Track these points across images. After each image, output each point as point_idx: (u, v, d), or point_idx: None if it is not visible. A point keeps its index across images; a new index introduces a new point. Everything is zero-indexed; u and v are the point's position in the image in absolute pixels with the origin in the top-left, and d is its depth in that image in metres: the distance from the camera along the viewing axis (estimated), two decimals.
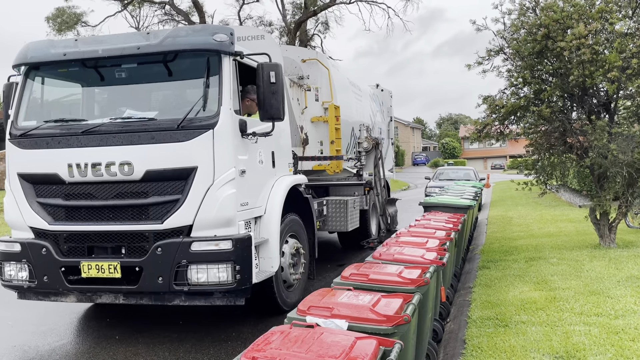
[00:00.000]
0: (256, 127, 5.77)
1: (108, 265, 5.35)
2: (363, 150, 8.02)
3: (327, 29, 30.54)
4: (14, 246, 5.67)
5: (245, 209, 5.61)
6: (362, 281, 3.80)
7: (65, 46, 5.66)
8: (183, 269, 5.18)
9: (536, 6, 8.45)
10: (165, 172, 5.26)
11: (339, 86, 9.48)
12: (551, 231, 11.50)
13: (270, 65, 5.55)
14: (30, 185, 5.64)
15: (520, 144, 10.53)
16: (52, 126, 5.68)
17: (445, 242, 5.46)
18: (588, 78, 7.78)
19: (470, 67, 8.88)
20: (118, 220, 5.41)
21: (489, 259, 8.65)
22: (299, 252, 6.70)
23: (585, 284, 6.40)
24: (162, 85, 5.88)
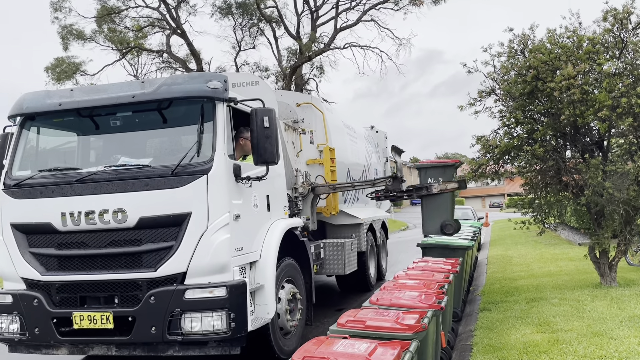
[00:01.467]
0: (251, 171, 5.77)
1: (100, 316, 5.25)
2: (299, 195, 8.04)
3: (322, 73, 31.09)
4: (6, 298, 5.57)
5: (240, 254, 5.54)
6: (358, 328, 3.72)
7: (61, 96, 5.73)
8: (177, 318, 5.08)
9: (524, 48, 8.63)
10: (159, 219, 5.23)
11: (333, 129, 9.56)
12: (552, 270, 11.38)
13: (264, 110, 5.61)
14: (23, 236, 5.60)
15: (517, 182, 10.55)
16: (47, 175, 5.68)
17: (444, 285, 5.38)
18: (579, 117, 7.87)
19: (463, 109, 8.99)
20: (111, 269, 5.34)
21: (490, 301, 8.52)
22: (295, 298, 6.59)
23: (588, 325, 6.28)
24: (156, 132, 5.93)
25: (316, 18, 28.74)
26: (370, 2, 28.09)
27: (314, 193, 8.42)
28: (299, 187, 8.09)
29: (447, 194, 8.29)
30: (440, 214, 8.29)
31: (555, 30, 8.54)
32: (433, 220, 8.33)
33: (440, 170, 8.51)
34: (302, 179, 8.23)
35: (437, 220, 8.26)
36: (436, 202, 8.29)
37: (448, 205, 8.38)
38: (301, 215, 7.98)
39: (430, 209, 8.39)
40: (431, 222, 8.37)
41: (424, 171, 8.64)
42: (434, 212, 8.34)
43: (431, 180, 8.35)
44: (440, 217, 8.26)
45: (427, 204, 8.39)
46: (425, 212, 8.47)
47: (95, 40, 26.87)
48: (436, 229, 8.30)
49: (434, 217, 8.32)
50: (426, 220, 8.47)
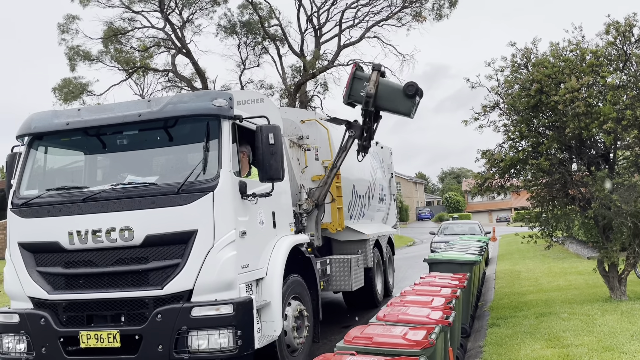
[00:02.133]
0: (256, 188, 5.79)
1: (107, 335, 5.23)
2: (303, 212, 8.03)
3: (326, 90, 31.29)
4: (13, 317, 5.57)
5: (246, 271, 5.54)
6: (365, 344, 3.69)
7: (69, 116, 5.80)
8: (183, 335, 5.06)
9: (528, 62, 8.67)
10: (166, 236, 5.24)
11: (338, 145, 9.57)
12: (561, 285, 11.28)
13: (269, 127, 5.64)
14: (30, 255, 5.62)
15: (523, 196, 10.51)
16: (54, 194, 5.72)
17: (451, 300, 5.34)
18: (584, 130, 7.87)
19: (467, 123, 9.01)
20: (118, 287, 5.33)
21: (498, 316, 8.44)
22: (302, 315, 6.55)
23: (599, 340, 6.20)
24: (163, 150, 5.97)
25: (320, 36, 29.02)
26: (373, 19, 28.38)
27: (318, 209, 8.42)
28: (303, 204, 8.09)
29: (380, 82, 8.34)
30: (396, 93, 8.39)
31: (558, 43, 8.59)
32: (398, 103, 8.40)
33: (357, 82, 8.54)
34: (307, 195, 8.24)
35: (400, 98, 8.35)
36: (384, 94, 8.36)
37: (391, 85, 8.58)
38: (306, 231, 7.97)
39: (388, 102, 8.44)
40: (400, 105, 8.43)
41: (352, 97, 8.63)
42: (392, 99, 8.41)
43: (362, 92, 8.43)
44: (398, 95, 8.36)
45: (382, 102, 8.43)
46: (389, 106, 8.52)
47: (102, 61, 27.24)
48: (409, 104, 8.36)
49: (396, 100, 8.40)
50: (398, 109, 8.52)
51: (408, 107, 8.44)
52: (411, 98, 8.32)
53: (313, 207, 8.26)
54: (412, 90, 8.26)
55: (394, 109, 8.54)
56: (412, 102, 8.36)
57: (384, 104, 8.46)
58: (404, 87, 8.36)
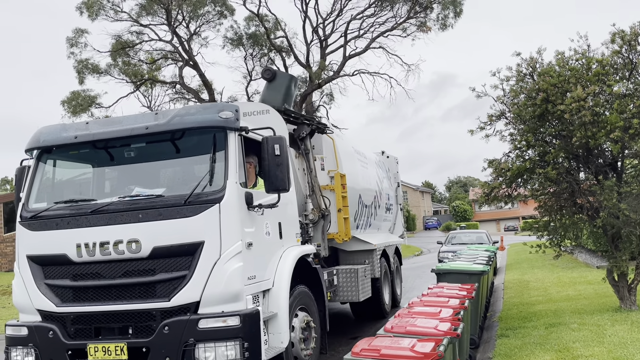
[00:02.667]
0: (262, 199, 5.81)
1: (115, 347, 5.24)
2: (309, 222, 8.03)
3: (332, 100, 31.43)
4: (21, 330, 5.60)
5: (253, 283, 5.54)
6: (373, 357, 3.68)
7: (77, 129, 5.85)
8: (190, 348, 5.06)
9: (533, 72, 8.67)
10: (172, 248, 5.26)
11: (344, 155, 9.60)
12: (570, 294, 11.18)
13: (275, 138, 5.67)
14: (38, 267, 5.65)
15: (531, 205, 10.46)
16: (62, 207, 5.76)
17: (460, 311, 5.31)
18: (591, 139, 7.84)
19: (473, 133, 9.00)
20: (125, 299, 5.35)
21: (507, 327, 8.37)
22: (309, 326, 6.53)
23: (609, 351, 6.13)
24: (170, 162, 6.01)
25: (325, 46, 29.18)
26: (378, 30, 28.54)
27: (324, 219, 8.42)
28: (309, 214, 8.10)
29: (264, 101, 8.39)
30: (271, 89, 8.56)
31: (563, 52, 8.58)
32: (276, 92, 8.52)
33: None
34: (312, 205, 8.24)
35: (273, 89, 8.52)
36: (273, 94, 8.47)
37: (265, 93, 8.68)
38: (312, 241, 7.97)
39: (278, 96, 8.50)
40: (277, 93, 8.51)
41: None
42: (273, 94, 8.51)
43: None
44: (275, 87, 8.54)
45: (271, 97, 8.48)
46: (274, 96, 8.56)
47: (110, 74, 27.51)
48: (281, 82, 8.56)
49: (274, 92, 8.52)
50: (281, 96, 8.55)
51: (284, 78, 8.77)
52: (276, 77, 8.62)
53: (319, 217, 8.27)
54: (269, 74, 8.64)
55: (285, 91, 8.67)
56: (280, 76, 8.72)
57: (279, 98, 8.54)
58: (265, 79, 8.71)
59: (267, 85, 8.72)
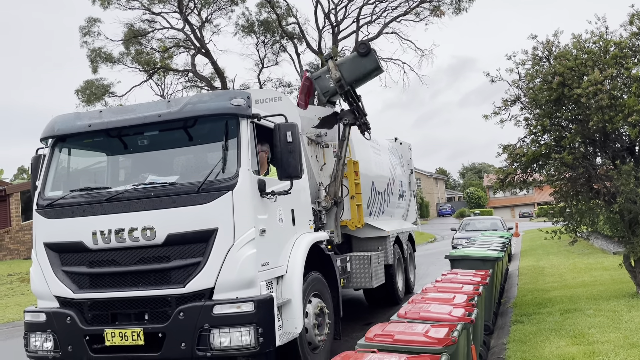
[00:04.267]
0: (275, 186, 5.81)
1: (131, 332, 5.31)
2: (322, 209, 8.02)
3: None
4: (40, 316, 5.69)
5: (267, 269, 5.56)
6: (387, 342, 3.68)
7: (90, 118, 5.89)
8: (205, 333, 5.11)
9: (549, 55, 8.52)
10: (187, 235, 5.29)
11: (356, 142, 9.55)
12: (586, 281, 11.09)
13: (287, 125, 5.65)
14: (55, 254, 5.73)
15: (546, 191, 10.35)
16: (78, 195, 5.82)
17: (474, 297, 5.29)
18: (608, 123, 7.71)
19: (487, 118, 8.90)
20: (141, 285, 5.41)
21: (522, 313, 8.33)
22: (323, 312, 6.56)
23: (625, 337, 6.08)
24: (183, 150, 6.03)
25: (337, 32, 28.98)
26: (391, 15, 28.25)
27: (337, 206, 8.41)
28: (322, 201, 8.09)
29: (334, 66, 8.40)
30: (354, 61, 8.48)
31: (580, 35, 8.42)
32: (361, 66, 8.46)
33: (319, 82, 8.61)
34: (325, 192, 8.24)
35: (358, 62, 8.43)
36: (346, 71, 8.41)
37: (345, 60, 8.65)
38: (325, 228, 7.98)
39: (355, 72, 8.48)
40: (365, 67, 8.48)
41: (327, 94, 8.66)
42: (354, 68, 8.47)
43: (329, 83, 8.47)
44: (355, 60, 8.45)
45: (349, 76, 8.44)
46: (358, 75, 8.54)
47: (123, 62, 27.63)
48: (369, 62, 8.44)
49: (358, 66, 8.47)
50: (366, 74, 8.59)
51: (373, 63, 8.57)
52: (368, 55, 8.44)
53: (332, 204, 8.26)
54: (364, 49, 8.44)
55: (365, 73, 8.62)
56: (372, 58, 8.49)
57: (353, 76, 8.54)
58: (357, 51, 8.52)
59: (353, 56, 8.67)
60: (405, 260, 11.63)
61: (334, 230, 8.38)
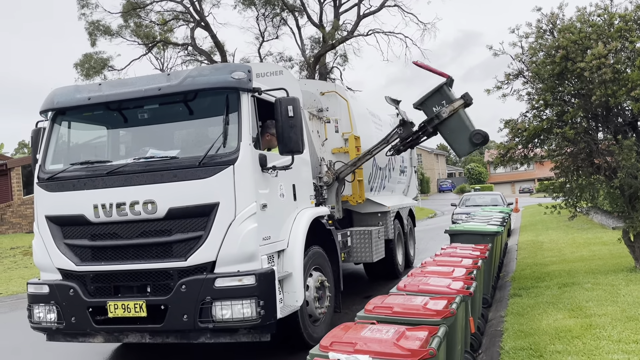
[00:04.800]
0: (276, 160, 5.80)
1: (134, 305, 5.38)
2: (324, 184, 8.04)
3: (346, 61, 30.96)
4: (43, 288, 5.75)
5: (268, 243, 5.60)
6: (386, 314, 3.72)
7: (90, 91, 5.85)
8: (207, 305, 5.17)
9: (553, 28, 8.41)
10: (188, 209, 5.31)
11: (358, 117, 9.52)
12: (584, 255, 11.16)
13: (288, 99, 5.62)
14: (57, 227, 5.76)
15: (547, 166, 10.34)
16: (78, 168, 5.82)
17: (472, 271, 5.33)
18: (611, 97, 7.66)
19: (490, 92, 8.84)
20: (143, 258, 5.45)
21: (520, 286, 8.41)
22: (323, 285, 6.63)
23: (623, 310, 6.15)
24: (183, 124, 6.01)
25: (339, 5, 28.57)
26: None
27: (338, 181, 8.42)
28: (324, 176, 8.10)
29: (458, 112, 8.06)
30: (463, 132, 8.11)
31: (585, 8, 8.30)
32: (459, 141, 8.16)
33: (437, 95, 8.20)
34: (327, 167, 8.24)
35: (463, 138, 8.10)
36: (453, 124, 8.10)
37: (465, 121, 8.18)
38: (327, 204, 8.00)
39: (451, 133, 8.19)
40: (459, 144, 8.19)
41: (424, 105, 8.32)
42: (456, 134, 8.16)
43: (436, 108, 8.14)
44: (464, 134, 8.08)
45: (446, 130, 8.19)
46: (449, 138, 8.29)
47: (122, 36, 27.31)
48: (467, 147, 8.14)
49: (459, 137, 8.16)
50: (453, 145, 8.31)
51: (464, 150, 8.28)
52: (473, 145, 8.08)
53: (333, 179, 8.27)
54: (479, 139, 7.97)
55: (451, 143, 8.30)
56: (471, 147, 8.12)
57: (446, 132, 8.21)
58: (473, 133, 8.00)
59: (468, 125, 8.07)
60: (406, 235, 11.69)
61: (335, 205, 8.41)
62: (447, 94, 8.15)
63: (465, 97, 8.02)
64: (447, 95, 8.14)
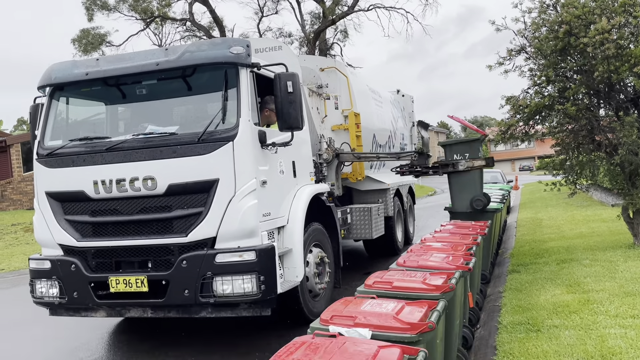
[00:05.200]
0: (276, 137, 5.78)
1: (135, 280, 5.41)
2: (324, 161, 8.04)
3: (347, 37, 30.62)
4: (44, 264, 5.78)
5: (268, 220, 5.61)
6: (385, 289, 3.74)
7: (87, 66, 5.79)
8: (208, 281, 5.20)
9: (557, 3, 8.30)
10: (188, 186, 5.31)
11: (358, 93, 9.45)
12: (583, 232, 11.21)
13: (287, 75, 5.57)
14: (58, 204, 5.76)
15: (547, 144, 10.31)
16: (77, 145, 5.80)
17: (472, 247, 5.36)
18: (614, 74, 7.59)
19: (492, 68, 8.76)
20: (143, 234, 5.47)
21: (519, 263, 8.47)
22: (323, 261, 6.67)
23: (620, 285, 6.20)
24: (182, 99, 5.96)
25: None
26: None
27: (338, 159, 8.41)
28: (323, 153, 8.08)
29: (474, 171, 8.11)
30: (469, 190, 8.12)
31: None
32: (462, 197, 8.20)
33: (466, 145, 8.27)
34: (326, 145, 8.22)
35: (466, 196, 8.13)
36: (464, 179, 8.14)
37: (477, 182, 8.19)
38: (326, 181, 8.00)
39: (458, 186, 8.24)
40: (459, 200, 8.25)
41: (448, 147, 8.43)
42: (462, 189, 8.19)
43: (457, 156, 8.16)
44: (469, 193, 8.11)
45: (455, 180, 8.25)
46: (453, 188, 8.32)
47: (119, 10, 26.93)
48: (466, 206, 8.18)
49: (463, 193, 8.19)
50: (454, 198, 8.35)
51: (460, 208, 8.26)
52: (471, 207, 8.11)
53: (333, 156, 8.25)
54: (479, 205, 8.05)
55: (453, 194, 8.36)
56: (468, 208, 8.14)
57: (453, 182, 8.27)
58: (475, 197, 8.08)
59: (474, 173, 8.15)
60: (405, 212, 11.72)
61: (335, 183, 8.41)
62: (475, 148, 8.20)
63: (487, 161, 8.10)
64: (475, 150, 8.18)
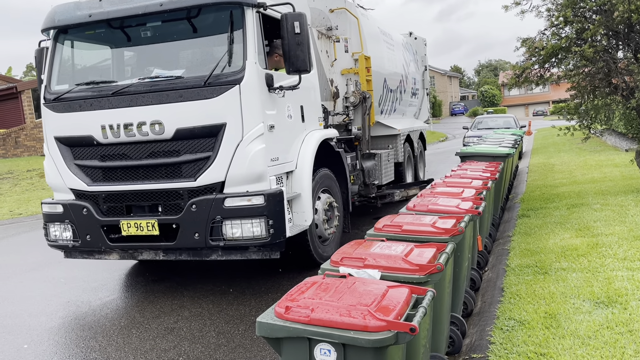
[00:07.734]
0: (283, 80, 5.67)
1: (146, 223, 5.49)
2: (350, 104, 7.98)
3: None
4: (57, 207, 5.87)
5: (276, 164, 5.60)
6: (395, 232, 3.76)
7: (90, 7, 5.65)
8: (218, 224, 5.26)
9: None
10: (195, 130, 5.27)
11: (369, 36, 9.19)
12: (595, 177, 11.11)
13: (294, 15, 5.39)
14: (67, 148, 5.78)
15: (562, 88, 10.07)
16: (84, 89, 5.75)
17: (482, 192, 5.33)
18: (634, 13, 7.28)
19: (508, 9, 8.45)
20: (153, 179, 5.49)
21: (529, 207, 8.46)
22: (332, 207, 6.69)
23: (630, 229, 6.18)
24: (187, 42, 5.83)
25: None
26: None
27: (365, 103, 8.29)
28: (350, 96, 7.98)
29: None
30: None
31: None
32: None
33: None
34: (353, 87, 8.08)
35: None
36: None
37: None
38: (353, 124, 7.95)
39: None
40: None
41: None
42: None
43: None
44: None
45: None
46: None
47: None
48: None
49: None
50: None
51: None
52: None
53: (360, 100, 8.14)
54: None
55: None
56: None
57: None
58: None
59: None
60: (416, 158, 11.66)
61: (362, 126, 8.32)
62: None
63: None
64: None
